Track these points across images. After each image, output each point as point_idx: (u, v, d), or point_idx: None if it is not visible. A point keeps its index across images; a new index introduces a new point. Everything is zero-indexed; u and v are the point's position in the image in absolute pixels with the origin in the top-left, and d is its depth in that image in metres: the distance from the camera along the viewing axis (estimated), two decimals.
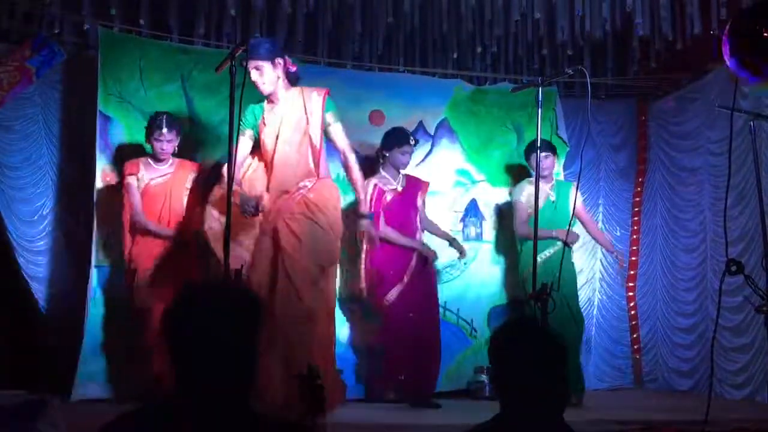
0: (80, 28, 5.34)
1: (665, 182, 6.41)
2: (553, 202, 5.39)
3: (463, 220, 5.85)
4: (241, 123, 4.14)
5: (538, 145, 4.02)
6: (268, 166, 4.33)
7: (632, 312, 6.54)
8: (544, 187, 5.43)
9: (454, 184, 5.86)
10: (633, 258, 6.58)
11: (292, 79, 4.40)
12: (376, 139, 5.56)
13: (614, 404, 5.36)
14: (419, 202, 5.35)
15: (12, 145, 5.26)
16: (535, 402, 1.94)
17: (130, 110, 5.09)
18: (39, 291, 5.13)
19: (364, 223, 4.46)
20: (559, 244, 5.22)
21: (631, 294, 6.56)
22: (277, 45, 4.43)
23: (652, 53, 5.76)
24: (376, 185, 5.21)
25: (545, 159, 5.35)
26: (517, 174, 5.86)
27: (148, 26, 5.30)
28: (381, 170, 5.29)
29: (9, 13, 5.13)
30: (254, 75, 4.24)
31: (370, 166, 5.57)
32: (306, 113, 4.29)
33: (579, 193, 5.48)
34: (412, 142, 5.25)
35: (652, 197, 6.53)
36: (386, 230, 5.14)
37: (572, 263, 5.41)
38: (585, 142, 5.02)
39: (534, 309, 3.72)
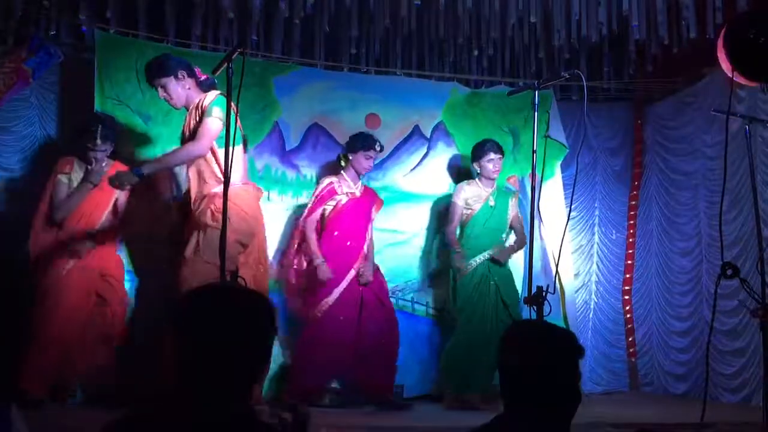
0: (77, 30, 5.34)
1: (661, 186, 6.42)
2: (491, 207, 5.37)
3: None
4: None
5: (534, 148, 4.01)
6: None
7: (628, 315, 6.55)
8: (485, 190, 5.43)
9: (450, 186, 5.86)
10: (629, 261, 6.59)
11: (205, 87, 4.34)
12: None
13: (610, 408, 5.36)
14: (372, 214, 5.28)
15: (9, 147, 5.25)
16: (543, 405, 1.87)
17: (126, 112, 5.09)
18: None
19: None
20: (498, 246, 5.28)
21: (626, 297, 6.57)
22: (176, 59, 4.38)
23: (648, 57, 5.78)
24: (330, 183, 5.16)
25: (498, 161, 5.35)
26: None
27: (145, 29, 5.30)
28: (342, 173, 5.24)
29: (5, 14, 5.12)
30: (161, 93, 4.30)
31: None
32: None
33: (517, 205, 5.50)
34: (378, 149, 5.21)
35: (648, 201, 6.55)
36: (309, 230, 5.08)
37: (508, 266, 5.38)
38: (581, 145, 5.03)
39: (529, 312, 3.72)
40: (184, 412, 1.65)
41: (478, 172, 5.43)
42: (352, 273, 5.06)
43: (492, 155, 5.35)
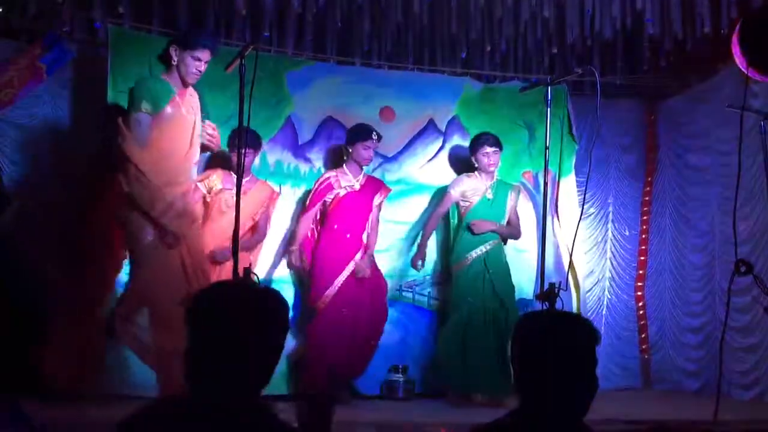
0: (90, 26, 5.36)
1: (674, 182, 6.39)
2: (489, 200, 5.36)
3: None
4: (139, 97, 3.91)
5: (547, 144, 4.01)
6: (175, 147, 4.04)
7: (641, 312, 6.52)
8: (484, 183, 5.41)
9: None
10: (642, 258, 6.57)
11: None
12: (386, 136, 5.57)
13: (622, 404, 5.34)
14: (375, 203, 5.29)
15: (23, 142, 5.27)
16: (558, 397, 1.82)
17: None
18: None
19: None
20: (494, 240, 5.24)
21: (639, 294, 6.54)
22: None
23: (662, 53, 5.75)
24: (327, 178, 5.22)
25: (493, 154, 5.33)
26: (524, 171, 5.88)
27: (158, 24, 5.32)
28: (344, 166, 5.29)
29: (20, 11, 5.14)
30: (204, 65, 4.05)
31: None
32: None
33: (519, 199, 5.46)
34: (375, 137, 5.22)
35: (661, 197, 6.51)
36: (303, 225, 5.17)
37: (505, 261, 5.36)
38: (594, 141, 5.01)
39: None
40: (198, 408, 1.66)
41: (476, 165, 5.41)
42: (352, 265, 5.11)
43: (487, 149, 5.32)
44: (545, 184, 4.12)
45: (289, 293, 5.29)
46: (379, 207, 5.33)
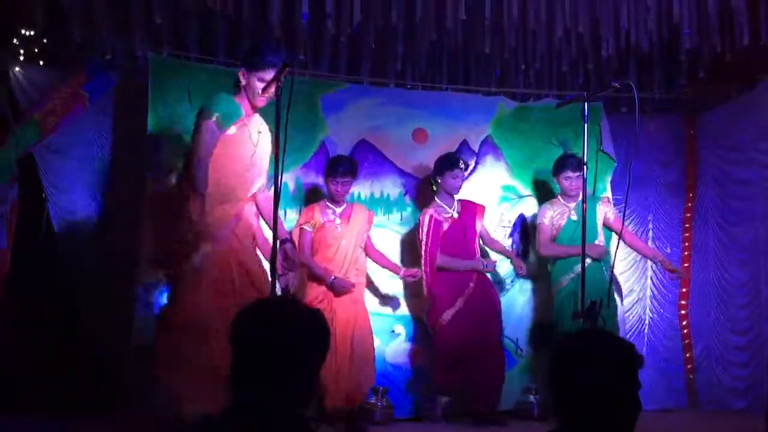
0: (131, 54, 5.47)
1: (717, 196, 6.26)
2: (575, 221, 5.30)
3: (511, 235, 5.82)
4: (212, 109, 3.93)
5: (585, 161, 3.97)
6: (234, 167, 4.04)
7: (685, 330, 6.38)
8: (568, 206, 5.38)
9: (500, 199, 5.83)
10: (685, 275, 6.43)
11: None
12: (419, 158, 5.57)
13: (668, 426, 5.23)
14: (478, 226, 5.38)
15: (66, 169, 5.39)
16: (601, 419, 1.78)
17: (179, 132, 5.17)
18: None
19: (286, 247, 4.07)
20: (588, 260, 5.16)
21: (683, 312, 6.40)
22: None
23: (700, 65, 5.67)
24: (431, 216, 5.26)
25: (576, 179, 5.28)
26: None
27: (196, 51, 5.41)
28: (436, 198, 5.33)
29: (64, 40, 5.28)
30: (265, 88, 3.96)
31: (415, 186, 5.60)
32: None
33: (611, 206, 5.43)
34: (462, 165, 5.28)
35: (703, 212, 6.38)
36: (443, 259, 5.23)
37: (605, 279, 5.22)
38: (633, 158, 4.93)
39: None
40: (239, 425, 1.67)
41: (559, 188, 5.45)
42: (471, 286, 5.19)
43: (569, 173, 5.33)
44: (583, 201, 4.07)
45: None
46: (483, 227, 5.45)
